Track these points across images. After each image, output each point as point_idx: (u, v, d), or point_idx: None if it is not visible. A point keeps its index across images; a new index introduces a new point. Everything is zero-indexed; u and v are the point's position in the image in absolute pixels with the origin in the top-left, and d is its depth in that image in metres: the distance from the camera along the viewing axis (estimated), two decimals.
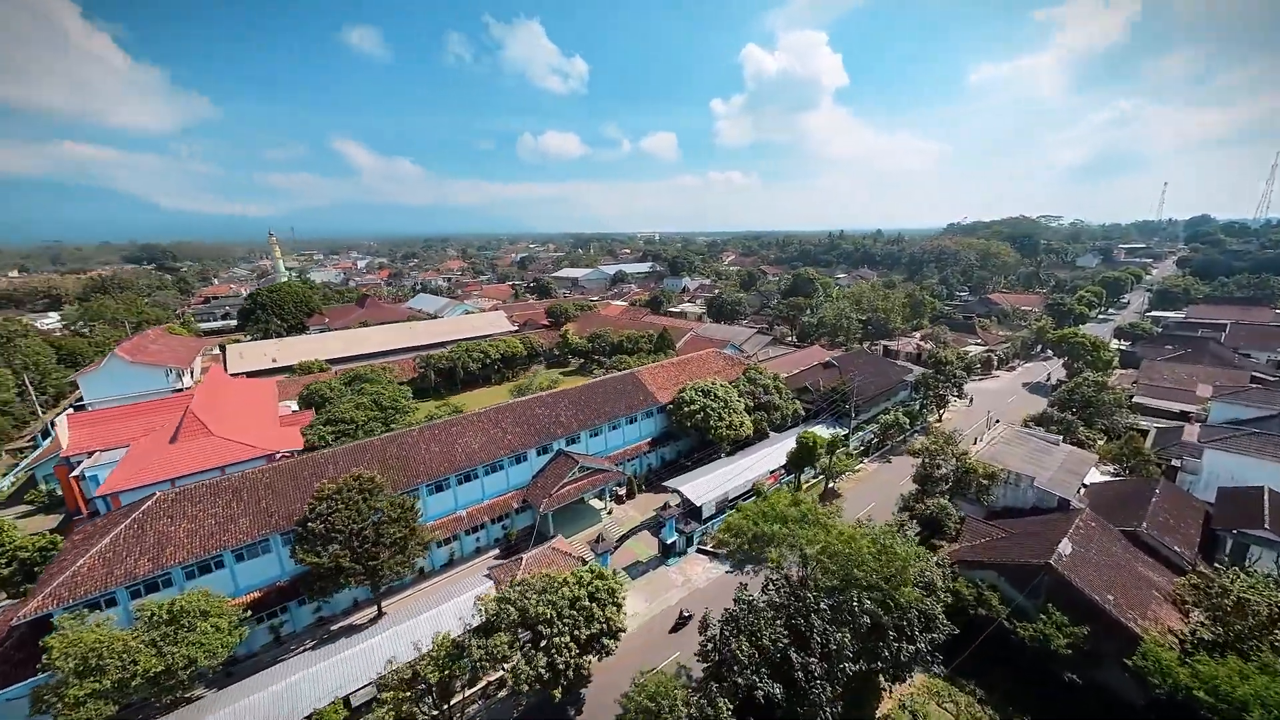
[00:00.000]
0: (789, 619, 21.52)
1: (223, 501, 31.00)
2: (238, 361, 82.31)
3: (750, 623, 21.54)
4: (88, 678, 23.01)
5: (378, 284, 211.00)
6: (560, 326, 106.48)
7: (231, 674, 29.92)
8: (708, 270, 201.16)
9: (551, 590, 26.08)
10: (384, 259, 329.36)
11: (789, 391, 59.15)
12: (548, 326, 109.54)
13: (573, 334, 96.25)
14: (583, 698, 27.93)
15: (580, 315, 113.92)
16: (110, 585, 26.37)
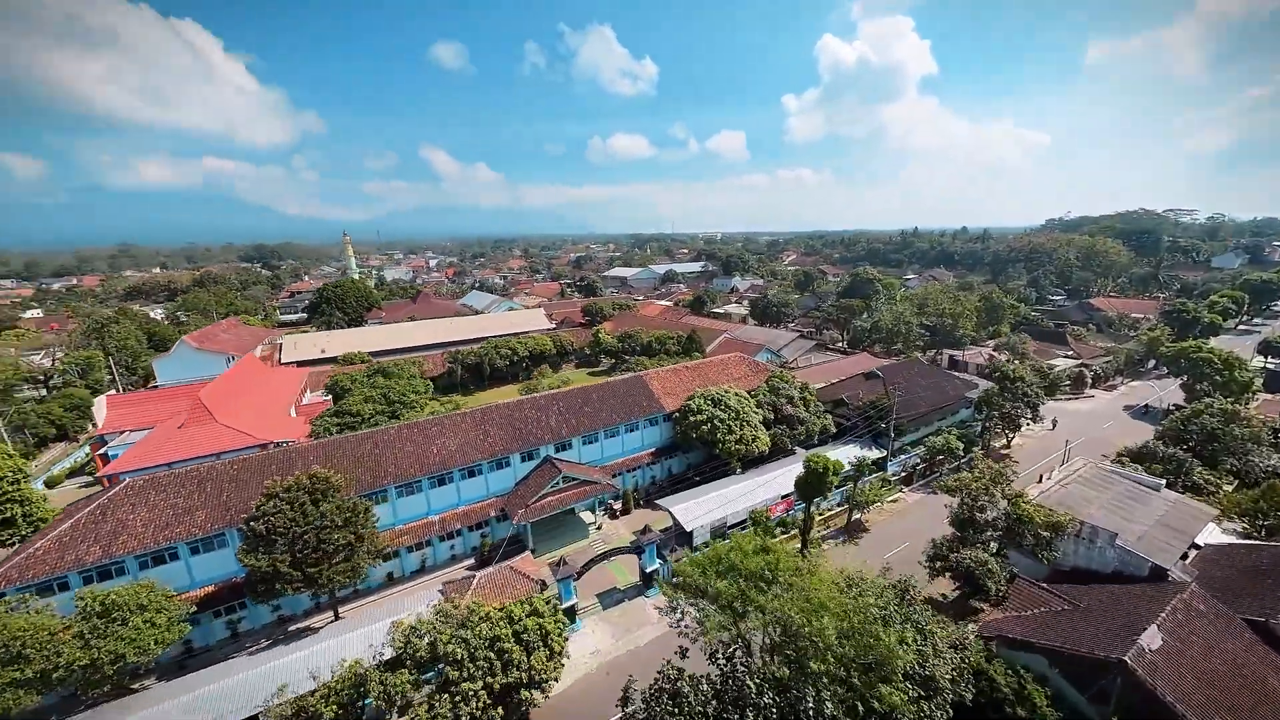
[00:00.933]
0: (720, 713, 16.54)
1: (185, 492, 30.73)
2: (291, 351, 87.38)
3: (671, 709, 16.83)
4: (9, 666, 22.74)
5: (442, 281, 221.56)
6: (596, 325, 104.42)
7: (185, 666, 29.53)
8: (762, 270, 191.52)
9: (472, 624, 22.70)
10: (454, 258, 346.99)
11: (819, 404, 52.20)
12: (584, 325, 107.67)
13: (606, 333, 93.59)
14: None
15: (617, 314, 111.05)
16: (59, 570, 26.47)
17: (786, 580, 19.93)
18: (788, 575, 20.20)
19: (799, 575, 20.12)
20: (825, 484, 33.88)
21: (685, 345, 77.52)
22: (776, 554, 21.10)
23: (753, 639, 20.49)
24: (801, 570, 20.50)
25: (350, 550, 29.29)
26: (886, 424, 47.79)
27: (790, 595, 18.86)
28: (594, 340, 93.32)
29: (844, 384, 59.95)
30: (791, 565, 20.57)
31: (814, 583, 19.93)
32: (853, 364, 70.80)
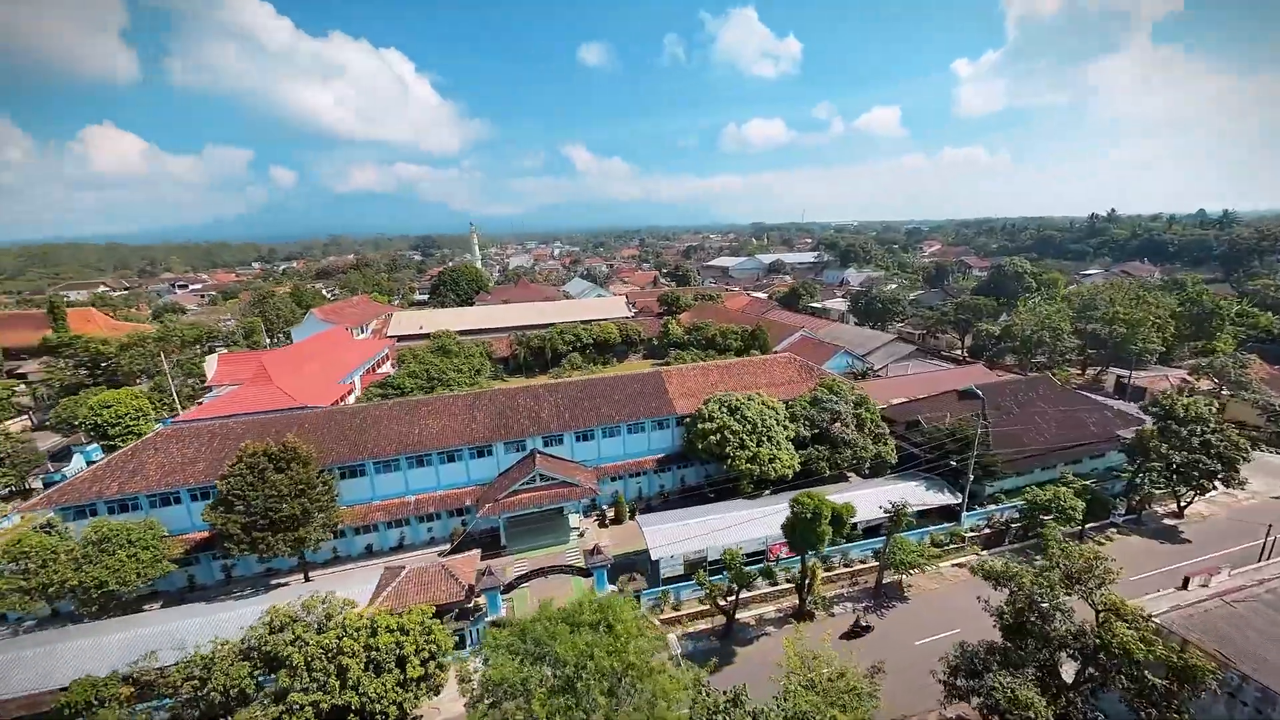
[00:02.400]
0: None
1: (196, 445, 34.15)
2: (397, 326, 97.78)
3: None
4: (19, 575, 26.80)
5: (556, 269, 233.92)
6: (673, 315, 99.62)
7: (184, 599, 33.00)
8: (887, 261, 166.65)
9: (327, 628, 20.70)
10: (577, 248, 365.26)
11: (881, 424, 41.46)
12: (660, 314, 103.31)
13: (676, 324, 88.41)
14: None
15: (697, 305, 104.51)
16: (85, 499, 30.89)
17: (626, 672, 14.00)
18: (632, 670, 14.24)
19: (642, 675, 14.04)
20: (815, 534, 25.49)
21: (747, 341, 68.97)
22: (624, 631, 15.11)
23: None
24: (651, 670, 14.34)
25: (297, 522, 29.71)
26: (965, 461, 35.79)
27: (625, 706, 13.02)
28: (663, 331, 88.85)
29: (928, 402, 47.22)
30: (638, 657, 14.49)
31: (661, 686, 13.75)
32: (960, 377, 56.00)
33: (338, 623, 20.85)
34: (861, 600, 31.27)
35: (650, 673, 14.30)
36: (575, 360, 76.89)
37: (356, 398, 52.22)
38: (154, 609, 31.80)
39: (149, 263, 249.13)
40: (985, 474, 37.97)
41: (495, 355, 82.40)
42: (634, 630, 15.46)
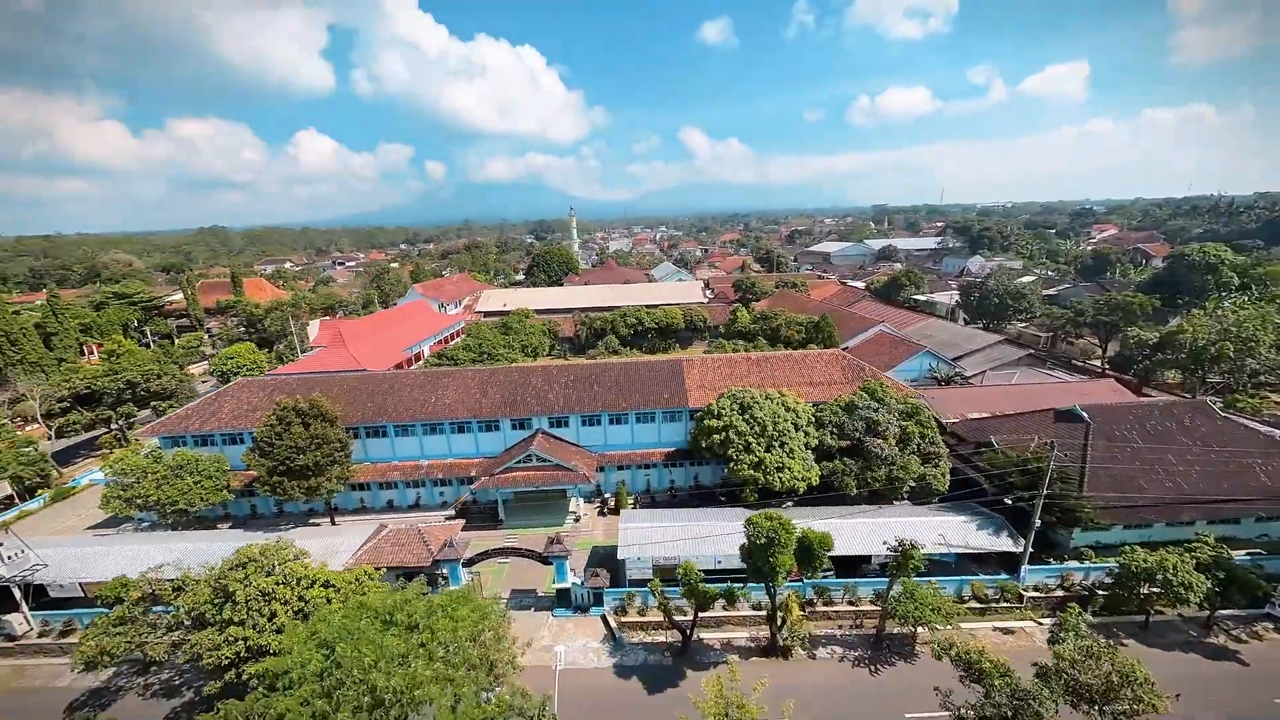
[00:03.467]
0: None
1: (261, 395, 39.54)
2: (485, 302, 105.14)
3: None
4: (125, 488, 33.40)
5: (652, 252, 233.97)
6: (747, 302, 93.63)
7: (246, 525, 38.76)
8: (1031, 249, 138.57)
9: (273, 573, 22.37)
10: (680, 232, 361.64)
11: (938, 441, 34.12)
12: (734, 302, 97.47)
13: (748, 312, 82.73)
14: None
15: (777, 293, 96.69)
16: (177, 431, 37.45)
17: (410, 690, 12.46)
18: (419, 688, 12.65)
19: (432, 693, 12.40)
20: (769, 563, 21.22)
21: (809, 334, 61.66)
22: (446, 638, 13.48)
23: None
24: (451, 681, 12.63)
25: (311, 472, 32.89)
26: (1033, 500, 27.73)
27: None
28: (731, 319, 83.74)
29: (1015, 420, 37.78)
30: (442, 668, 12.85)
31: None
32: (1076, 393, 44.03)
33: (281, 571, 22.37)
34: (857, 648, 26.03)
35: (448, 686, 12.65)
36: (612, 343, 75.86)
37: (424, 364, 57.01)
38: (224, 529, 37.90)
39: (327, 244, 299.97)
40: (1068, 520, 29.16)
41: (561, 335, 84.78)
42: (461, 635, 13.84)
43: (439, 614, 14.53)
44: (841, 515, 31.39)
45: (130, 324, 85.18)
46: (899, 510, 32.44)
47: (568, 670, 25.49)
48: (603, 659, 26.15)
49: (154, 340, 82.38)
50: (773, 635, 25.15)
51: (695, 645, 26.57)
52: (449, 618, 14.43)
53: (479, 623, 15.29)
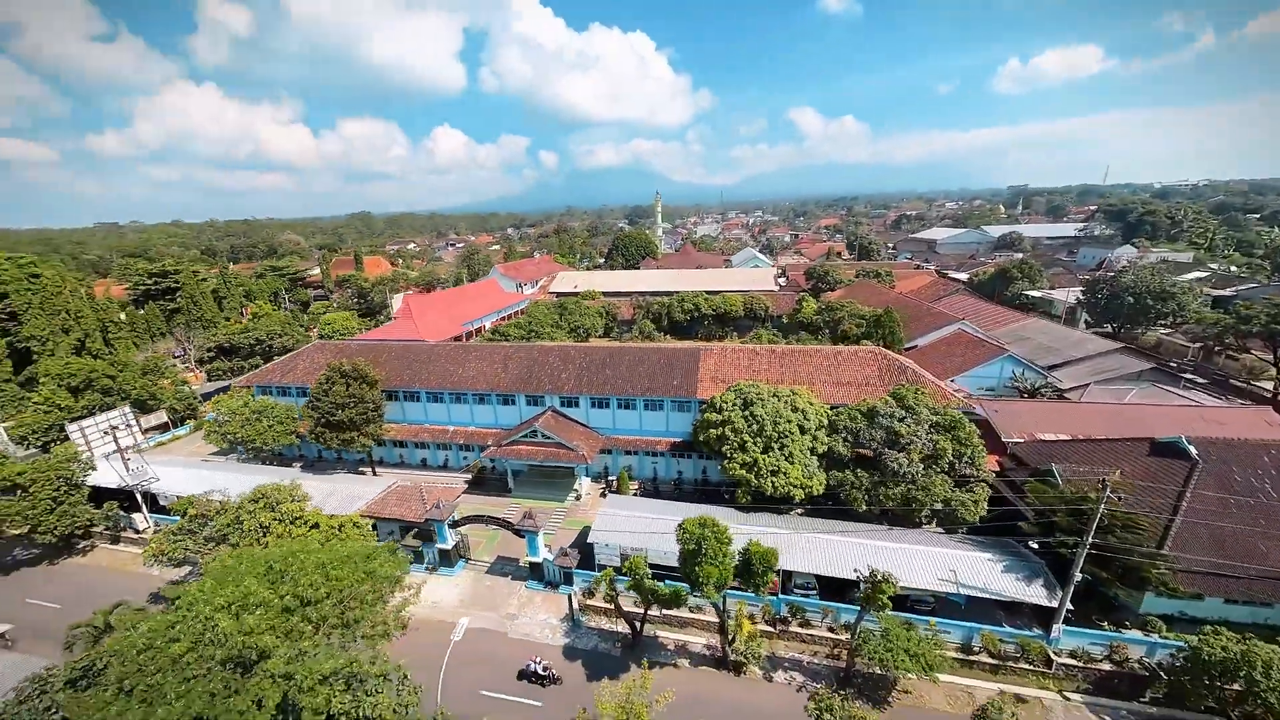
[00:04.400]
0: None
1: (328, 356, 44.95)
2: (558, 284, 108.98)
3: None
4: (214, 422, 40.36)
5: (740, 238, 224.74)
6: (818, 292, 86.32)
7: (313, 466, 44.87)
8: (1211, 238, 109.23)
9: (275, 508, 25.55)
10: (775, 217, 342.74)
11: (977, 463, 28.62)
12: (806, 290, 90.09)
13: (813, 303, 76.26)
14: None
15: (856, 283, 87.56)
16: (263, 382, 44.15)
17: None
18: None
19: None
20: (698, 572, 19.16)
21: (870, 327, 54.82)
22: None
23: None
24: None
25: (345, 427, 36.87)
26: (1076, 548, 22.00)
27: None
28: (795, 308, 77.73)
29: (1093, 447, 30.32)
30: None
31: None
32: (1212, 420, 33.87)
33: (280, 509, 25.44)
34: (822, 680, 23.00)
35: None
36: (646, 327, 73.87)
37: (481, 338, 61.19)
38: (296, 468, 44.23)
39: (447, 228, 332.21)
40: (1133, 580, 22.72)
41: (620, 317, 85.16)
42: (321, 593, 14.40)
43: (313, 570, 15.41)
44: (840, 532, 27.78)
45: (279, 291, 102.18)
46: (913, 536, 27.83)
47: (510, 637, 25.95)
48: (556, 637, 26.21)
49: (292, 306, 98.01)
50: (722, 647, 23.15)
51: (648, 642, 25.48)
52: (322, 574, 15.30)
53: (359, 583, 16.02)
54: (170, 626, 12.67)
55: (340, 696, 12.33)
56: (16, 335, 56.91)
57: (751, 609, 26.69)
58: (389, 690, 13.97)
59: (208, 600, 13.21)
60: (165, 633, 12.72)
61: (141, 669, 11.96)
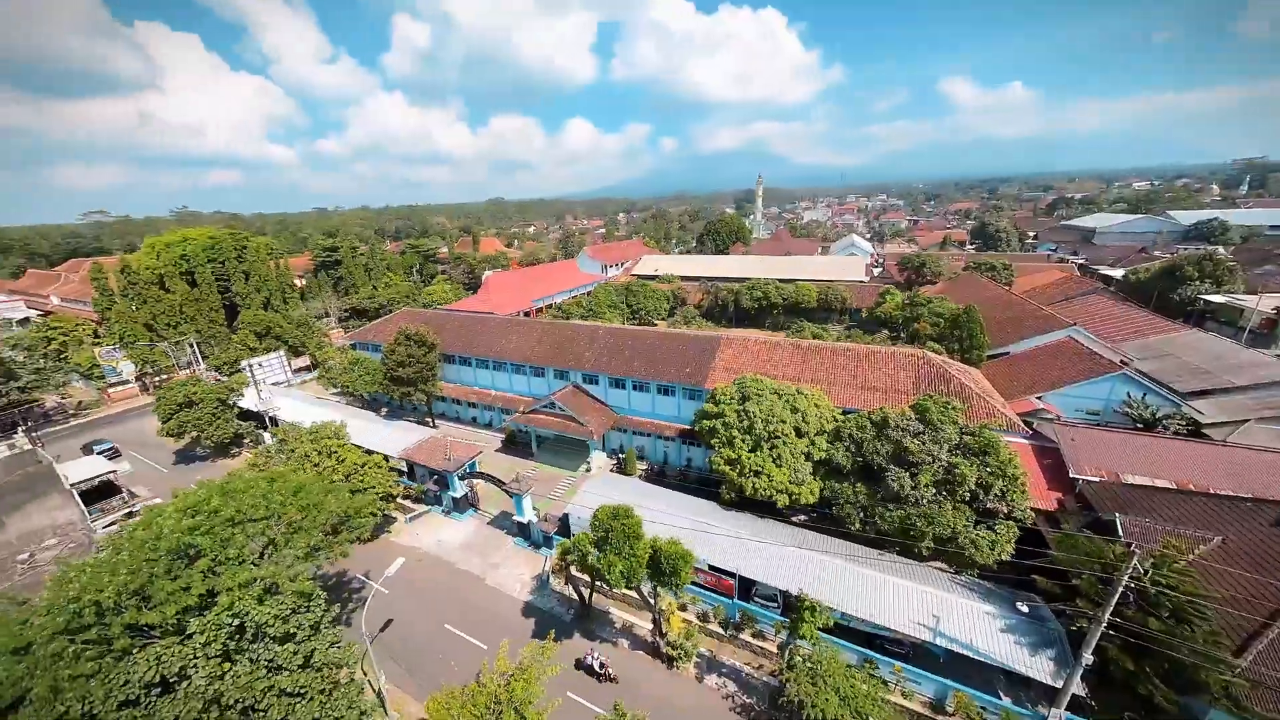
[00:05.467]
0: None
1: (406, 322, 51.02)
2: (640, 266, 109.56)
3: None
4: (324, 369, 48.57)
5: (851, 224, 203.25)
6: (911, 285, 75.35)
7: (396, 415, 51.96)
8: None
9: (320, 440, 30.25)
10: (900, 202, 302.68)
11: (1009, 496, 23.23)
12: (896, 283, 78.80)
13: (908, 297, 66.84)
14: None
15: (962, 276, 74.44)
16: (360, 340, 51.77)
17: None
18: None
19: None
20: (600, 561, 18.23)
21: (945, 329, 46.28)
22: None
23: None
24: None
25: (403, 382, 41.86)
26: (1091, 621, 16.75)
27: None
28: (877, 302, 68.79)
29: (1197, 503, 22.59)
30: None
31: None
32: None
33: (321, 443, 30.02)
34: (753, 696, 20.92)
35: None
36: (690, 313, 70.12)
37: (549, 313, 64.92)
38: (382, 413, 51.62)
39: (564, 213, 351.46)
40: (1184, 682, 16.61)
41: (688, 302, 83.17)
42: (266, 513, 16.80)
43: (261, 495, 18.06)
44: (820, 549, 24.60)
45: (413, 266, 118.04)
46: (907, 568, 23.52)
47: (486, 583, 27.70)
48: (523, 592, 27.46)
49: (418, 279, 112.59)
50: (654, 637, 22.22)
51: (600, 616, 25.47)
52: (267, 500, 17.89)
53: (297, 511, 18.38)
54: (147, 523, 16.24)
55: (247, 600, 14.54)
56: (229, 293, 74.09)
57: (706, 607, 25.21)
58: (307, 604, 16.07)
59: (175, 505, 16.66)
60: (141, 523, 16.40)
61: (126, 547, 15.48)
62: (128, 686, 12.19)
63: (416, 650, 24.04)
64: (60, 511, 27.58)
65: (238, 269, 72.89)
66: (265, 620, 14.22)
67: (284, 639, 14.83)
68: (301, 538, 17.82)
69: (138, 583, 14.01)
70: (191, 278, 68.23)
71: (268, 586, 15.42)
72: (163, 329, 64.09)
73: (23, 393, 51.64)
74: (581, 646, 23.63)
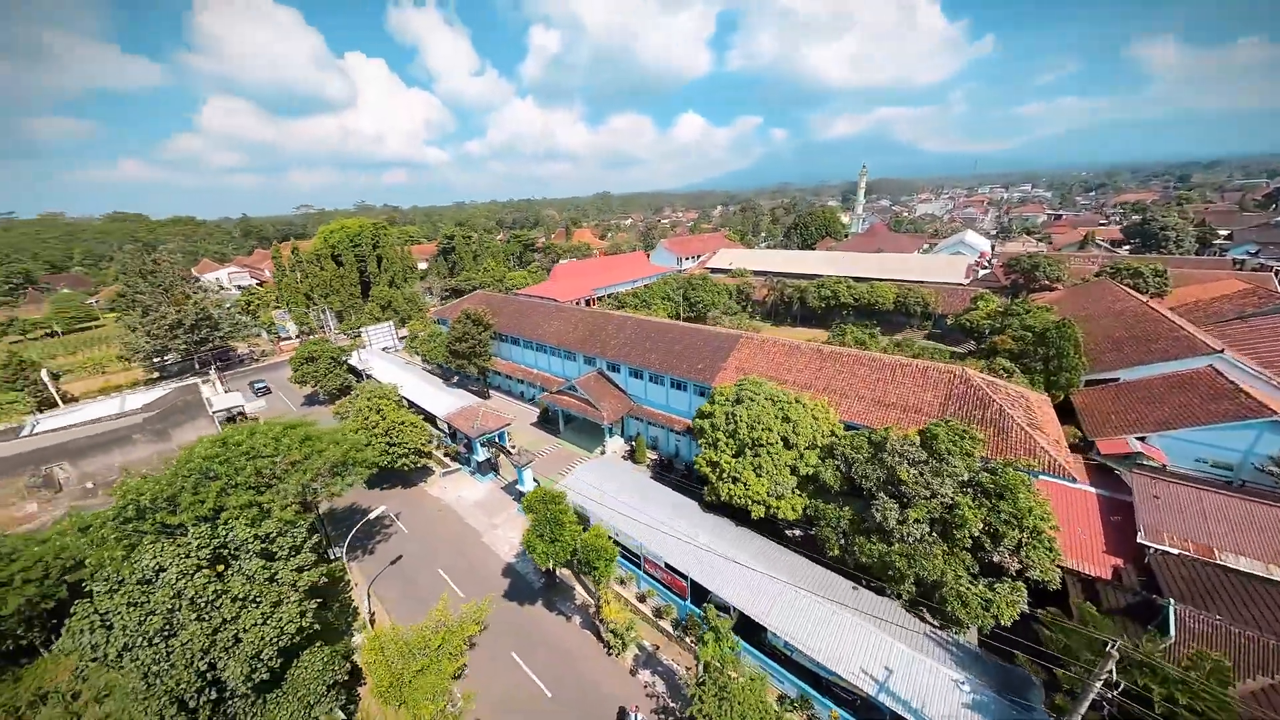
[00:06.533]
0: None
1: (473, 303, 55.69)
2: (715, 259, 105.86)
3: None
4: (410, 339, 55.34)
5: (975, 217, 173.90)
6: (1018, 291, 62.81)
7: (462, 382, 57.56)
8: None
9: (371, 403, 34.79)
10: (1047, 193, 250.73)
11: (1042, 554, 18.82)
12: (1001, 289, 65.80)
13: (989, 304, 56.34)
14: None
15: (1091, 283, 59.89)
16: (438, 316, 57.66)
17: None
18: None
19: None
20: (528, 538, 18.19)
21: (1034, 342, 37.57)
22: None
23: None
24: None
25: (459, 355, 45.98)
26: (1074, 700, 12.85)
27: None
28: (968, 308, 58.49)
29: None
30: None
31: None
32: None
33: (374, 402, 34.40)
34: (681, 700, 19.75)
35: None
36: (731, 307, 65.04)
37: (608, 301, 66.53)
38: (453, 380, 57.42)
39: (663, 206, 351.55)
40: None
41: (753, 297, 78.56)
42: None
43: (274, 439, 21.30)
44: (784, 574, 22.20)
45: (514, 254, 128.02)
46: (876, 608, 20.13)
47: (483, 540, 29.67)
48: (509, 555, 28.96)
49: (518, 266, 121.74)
50: (594, 620, 22.03)
51: (565, 589, 25.93)
52: (277, 443, 21.05)
53: (297, 455, 21.36)
54: (190, 448, 20.56)
55: (242, 520, 17.57)
56: (365, 272, 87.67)
57: (662, 604, 24.28)
58: (290, 529, 18.91)
59: (212, 438, 20.72)
60: (185, 448, 20.72)
61: (174, 465, 19.73)
62: (141, 568, 15.63)
63: (411, 584, 26.88)
64: (204, 431, 35.72)
65: (372, 253, 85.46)
66: (246, 538, 17.10)
67: (265, 555, 17.67)
68: (295, 475, 20.96)
69: (170, 493, 17.81)
70: (339, 259, 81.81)
71: (263, 510, 18.41)
72: (317, 298, 78.18)
73: (222, 340, 67.04)
74: (543, 614, 24.39)
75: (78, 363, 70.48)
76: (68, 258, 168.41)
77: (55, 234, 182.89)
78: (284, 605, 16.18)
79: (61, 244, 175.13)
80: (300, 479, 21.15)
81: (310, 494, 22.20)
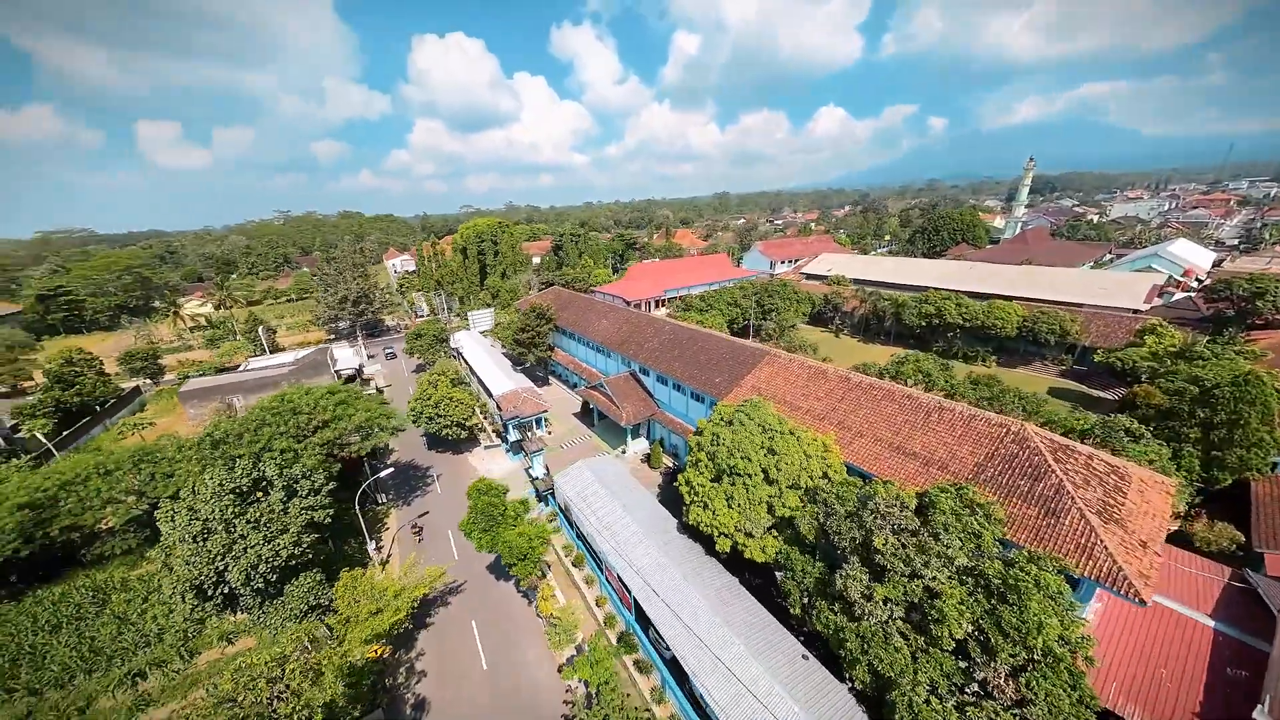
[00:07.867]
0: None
1: (548, 298, 59.47)
2: (812, 265, 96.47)
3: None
4: (497, 329, 61.72)
5: (1204, 220, 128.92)
6: (1223, 326, 45.82)
7: (530, 368, 62.32)
8: None
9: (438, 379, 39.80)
10: None
11: (1066, 679, 14.32)
12: (1199, 321, 47.87)
13: (1164, 333, 41.97)
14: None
15: None
16: (521, 307, 63.07)
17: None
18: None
19: None
20: (467, 527, 18.84)
21: (1192, 405, 26.61)
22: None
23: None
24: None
25: (520, 344, 49.81)
26: None
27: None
28: (1129, 342, 44.44)
29: None
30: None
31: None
32: None
33: (434, 379, 39.28)
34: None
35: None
36: (785, 323, 56.37)
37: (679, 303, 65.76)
38: (528, 363, 62.54)
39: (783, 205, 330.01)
40: None
41: (842, 309, 69.79)
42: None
43: (320, 398, 25.50)
44: (730, 615, 19.84)
45: (616, 251, 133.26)
46: (814, 690, 16.73)
47: None
48: None
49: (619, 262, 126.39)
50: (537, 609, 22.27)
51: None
52: (322, 401, 25.27)
53: (326, 411, 25.30)
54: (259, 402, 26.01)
55: (275, 462, 21.91)
56: (485, 265, 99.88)
57: (611, 612, 23.53)
58: (311, 475, 22.96)
59: (276, 394, 25.94)
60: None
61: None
62: (203, 484, 20.60)
63: (429, 536, 30.41)
64: (325, 383, 45.11)
65: (492, 248, 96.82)
66: (272, 475, 21.29)
67: (289, 491, 21.80)
68: (326, 431, 25.20)
69: (238, 431, 23.02)
70: (465, 252, 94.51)
71: (296, 455, 22.67)
72: (445, 284, 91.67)
73: (374, 314, 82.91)
74: (512, 594, 25.60)
75: (294, 323, 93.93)
76: (313, 244, 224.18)
77: (309, 226, 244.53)
78: (287, 534, 19.73)
79: (310, 235, 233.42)
80: (327, 435, 25.62)
81: (338, 449, 26.75)
